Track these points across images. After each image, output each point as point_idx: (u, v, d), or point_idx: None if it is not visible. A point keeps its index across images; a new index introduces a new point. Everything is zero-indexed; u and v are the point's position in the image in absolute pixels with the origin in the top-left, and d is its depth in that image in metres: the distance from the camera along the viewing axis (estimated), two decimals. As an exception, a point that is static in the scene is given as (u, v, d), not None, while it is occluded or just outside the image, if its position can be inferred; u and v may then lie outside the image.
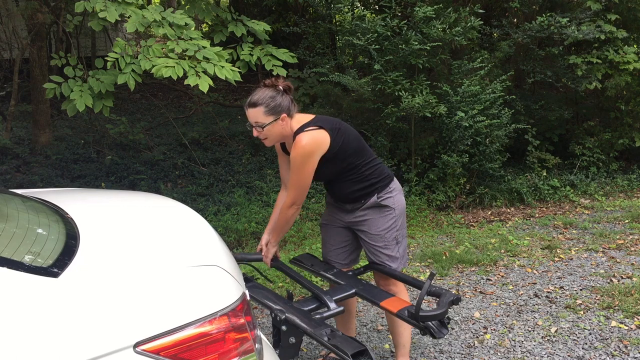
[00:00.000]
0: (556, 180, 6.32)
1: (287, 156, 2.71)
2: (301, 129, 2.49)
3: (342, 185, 2.63)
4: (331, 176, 2.63)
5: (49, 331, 1.30)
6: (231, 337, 1.51)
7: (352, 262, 2.91)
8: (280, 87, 2.49)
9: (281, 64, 4.75)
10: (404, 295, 2.74)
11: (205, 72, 4.03)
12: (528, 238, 5.01)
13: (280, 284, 4.11)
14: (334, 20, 7.03)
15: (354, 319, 3.05)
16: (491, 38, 6.89)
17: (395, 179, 2.76)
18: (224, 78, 4.08)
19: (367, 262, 2.82)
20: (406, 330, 2.81)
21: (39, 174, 6.16)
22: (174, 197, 5.15)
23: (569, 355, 3.08)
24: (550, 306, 3.68)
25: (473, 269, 4.36)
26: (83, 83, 4.26)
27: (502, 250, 4.71)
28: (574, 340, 3.24)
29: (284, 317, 2.30)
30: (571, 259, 4.50)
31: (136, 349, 1.36)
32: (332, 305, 2.45)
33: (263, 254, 2.81)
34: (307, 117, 2.56)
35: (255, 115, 2.46)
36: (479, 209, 5.99)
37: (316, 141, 2.47)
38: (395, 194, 2.70)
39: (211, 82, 4.01)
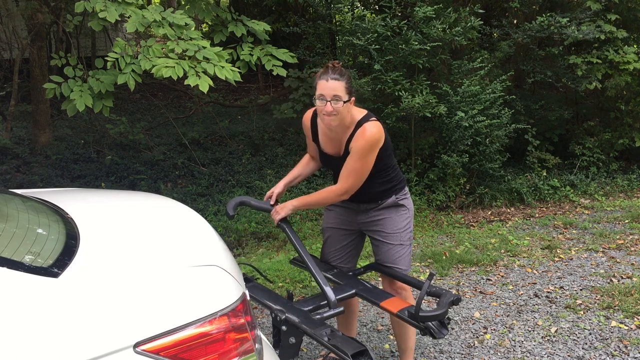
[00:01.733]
0: (556, 180, 6.31)
1: (314, 144, 2.71)
2: (366, 119, 2.48)
3: (370, 184, 2.58)
4: None
5: (49, 331, 1.30)
6: (231, 337, 1.51)
7: (353, 267, 2.91)
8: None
9: (281, 64, 4.75)
10: (410, 298, 2.73)
11: (205, 72, 4.03)
12: (528, 238, 5.01)
13: (280, 284, 4.11)
14: (334, 20, 7.02)
15: (356, 319, 3.05)
16: (491, 38, 6.88)
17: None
18: (224, 78, 4.09)
19: (367, 263, 2.83)
20: (413, 334, 2.81)
21: (39, 174, 6.16)
22: (174, 197, 5.15)
23: (569, 355, 3.08)
24: (550, 306, 3.68)
25: (473, 269, 4.36)
26: (83, 83, 4.26)
27: (502, 250, 4.71)
28: (574, 340, 3.24)
29: (284, 317, 2.30)
30: (571, 259, 4.50)
31: (136, 349, 1.36)
32: (330, 293, 2.43)
33: (276, 209, 2.68)
34: (363, 110, 2.55)
35: (338, 88, 2.38)
36: (479, 209, 5.99)
37: (382, 133, 2.48)
38: (409, 197, 2.74)
39: (211, 83, 4.01)
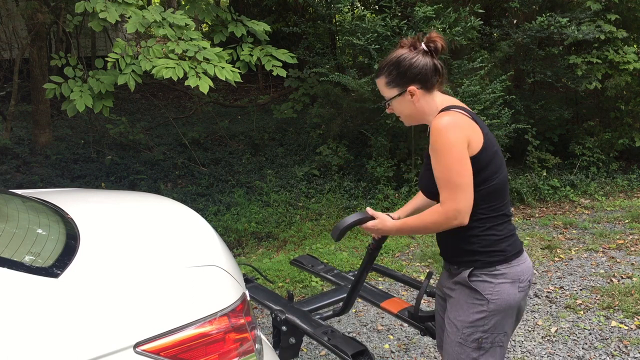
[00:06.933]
0: (556, 180, 6.31)
1: None
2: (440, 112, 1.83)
3: (469, 223, 1.80)
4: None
5: (49, 331, 1.30)
6: (231, 338, 1.51)
7: None
8: (423, 47, 1.80)
9: (281, 64, 4.75)
10: None
11: (205, 72, 4.03)
12: (528, 238, 5.01)
13: (280, 284, 4.11)
14: (334, 20, 7.02)
15: None
16: (491, 38, 6.88)
17: (524, 253, 1.90)
18: (224, 79, 4.09)
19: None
20: None
21: (39, 174, 6.16)
22: (174, 197, 5.15)
23: (569, 355, 3.08)
24: (550, 306, 3.68)
25: (473, 269, 4.35)
26: (83, 83, 4.27)
27: (502, 250, 4.70)
28: (574, 340, 3.24)
29: (284, 317, 2.30)
30: (571, 259, 4.50)
31: (136, 349, 1.36)
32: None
33: (374, 224, 1.95)
34: (449, 101, 1.87)
35: (380, 87, 1.89)
36: (479, 209, 5.98)
37: (456, 121, 1.77)
38: (503, 282, 1.82)
39: (211, 83, 4.02)
